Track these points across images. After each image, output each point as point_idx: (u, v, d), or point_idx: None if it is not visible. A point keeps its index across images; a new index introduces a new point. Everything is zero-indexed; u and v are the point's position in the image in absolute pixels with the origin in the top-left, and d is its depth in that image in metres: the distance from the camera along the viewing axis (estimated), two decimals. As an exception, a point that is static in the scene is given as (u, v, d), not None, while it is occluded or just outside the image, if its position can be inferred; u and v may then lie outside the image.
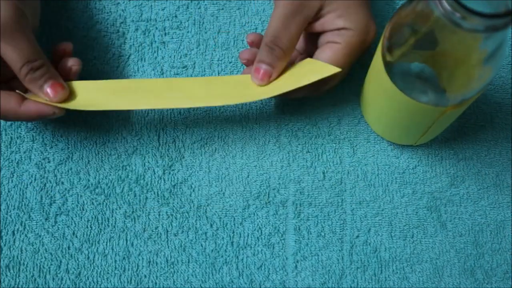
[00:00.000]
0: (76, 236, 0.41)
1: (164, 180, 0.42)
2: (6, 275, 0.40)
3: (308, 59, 0.40)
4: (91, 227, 0.41)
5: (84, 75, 0.43)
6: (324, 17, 0.38)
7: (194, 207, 0.41)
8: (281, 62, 0.38)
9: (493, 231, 0.41)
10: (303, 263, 0.40)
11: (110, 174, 0.42)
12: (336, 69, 0.37)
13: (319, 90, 0.40)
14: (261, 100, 0.43)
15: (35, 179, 0.41)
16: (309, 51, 0.41)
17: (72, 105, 0.38)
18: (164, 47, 0.44)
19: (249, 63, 0.40)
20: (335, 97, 0.43)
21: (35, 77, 0.37)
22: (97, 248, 0.41)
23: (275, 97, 0.39)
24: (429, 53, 0.31)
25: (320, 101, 0.43)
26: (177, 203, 0.41)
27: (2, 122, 0.42)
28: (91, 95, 0.39)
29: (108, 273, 0.40)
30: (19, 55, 0.36)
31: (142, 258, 0.40)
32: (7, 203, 0.41)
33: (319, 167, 0.42)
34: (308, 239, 0.41)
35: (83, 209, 0.41)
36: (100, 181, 0.42)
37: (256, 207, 0.41)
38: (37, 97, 0.38)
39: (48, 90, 0.37)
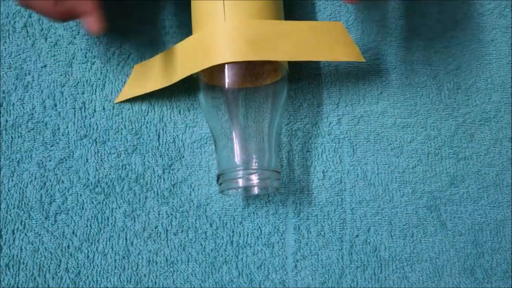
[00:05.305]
0: (76, 235, 0.41)
1: (163, 179, 0.42)
2: (6, 274, 0.40)
3: (342, 30, 0.38)
4: (90, 226, 0.41)
5: (84, 74, 0.43)
6: None
7: (194, 206, 0.41)
8: None
9: (493, 230, 0.41)
10: (303, 263, 0.40)
11: (110, 173, 0.42)
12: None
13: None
14: (261, 100, 0.43)
15: (35, 178, 0.42)
16: None
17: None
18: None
19: None
20: (335, 96, 0.43)
21: None
22: (97, 247, 0.41)
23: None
24: None
25: (320, 100, 0.43)
26: (177, 202, 0.41)
27: (3, 122, 0.42)
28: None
29: (107, 272, 0.40)
30: None
31: (142, 257, 0.40)
32: (7, 202, 0.41)
33: (319, 166, 0.42)
34: (308, 238, 0.41)
35: (82, 208, 0.41)
36: (100, 180, 0.42)
37: (256, 206, 0.41)
38: None
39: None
